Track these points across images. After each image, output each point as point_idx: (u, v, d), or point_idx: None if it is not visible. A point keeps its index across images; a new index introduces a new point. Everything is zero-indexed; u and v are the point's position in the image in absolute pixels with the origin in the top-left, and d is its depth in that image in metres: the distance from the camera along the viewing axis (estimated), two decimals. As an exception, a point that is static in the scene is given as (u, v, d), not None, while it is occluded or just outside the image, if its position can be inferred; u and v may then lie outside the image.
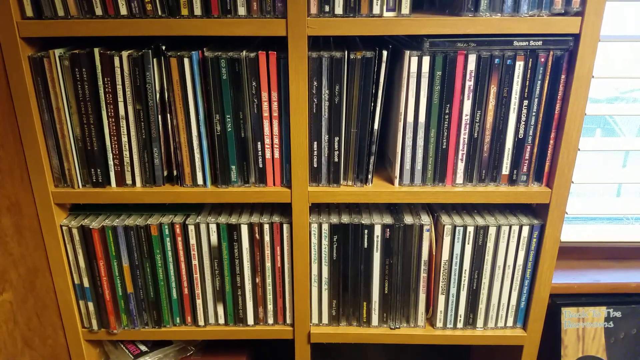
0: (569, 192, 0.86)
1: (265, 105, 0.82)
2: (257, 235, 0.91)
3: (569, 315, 1.10)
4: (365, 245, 0.90)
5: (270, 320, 0.98)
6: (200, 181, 0.88)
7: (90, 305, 0.96)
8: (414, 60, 0.78)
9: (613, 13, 1.06)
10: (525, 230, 0.88)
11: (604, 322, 1.10)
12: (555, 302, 1.10)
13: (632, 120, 1.31)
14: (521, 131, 0.83)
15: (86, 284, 0.94)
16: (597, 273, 1.15)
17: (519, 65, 0.79)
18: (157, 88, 0.82)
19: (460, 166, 0.86)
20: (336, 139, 0.84)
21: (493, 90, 0.80)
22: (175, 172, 0.88)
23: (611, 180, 1.10)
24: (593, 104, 1.23)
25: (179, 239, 0.91)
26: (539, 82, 0.80)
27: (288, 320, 0.98)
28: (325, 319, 0.97)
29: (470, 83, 0.80)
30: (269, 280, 0.94)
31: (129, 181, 0.88)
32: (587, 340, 1.11)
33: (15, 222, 0.88)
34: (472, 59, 0.78)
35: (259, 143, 0.85)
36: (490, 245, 0.90)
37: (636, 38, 1.00)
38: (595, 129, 1.39)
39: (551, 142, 0.84)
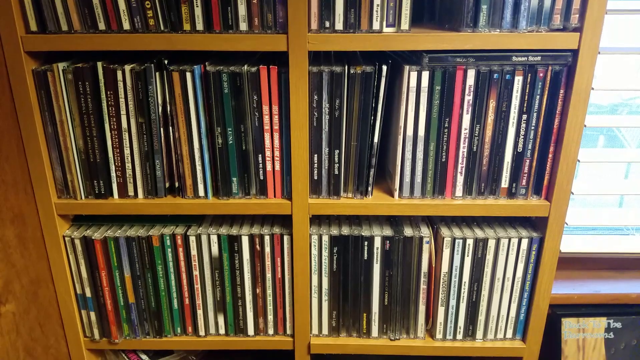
0: (568, 205, 0.86)
1: (266, 119, 0.83)
2: (257, 247, 0.92)
3: (569, 325, 1.10)
4: (365, 256, 0.91)
5: (271, 331, 0.98)
6: (201, 193, 0.89)
7: (92, 315, 0.97)
8: (414, 74, 0.79)
9: (613, 24, 1.06)
10: (525, 243, 0.89)
11: (604, 332, 1.10)
12: (556, 312, 1.10)
13: (636, 129, 1.31)
14: (520, 145, 0.83)
15: (88, 294, 0.95)
16: (597, 283, 1.15)
17: (518, 80, 0.79)
18: (160, 101, 0.83)
19: (460, 179, 0.86)
20: (336, 151, 0.85)
21: (492, 104, 0.81)
22: (177, 184, 0.89)
23: (612, 191, 1.10)
24: (595, 113, 1.24)
25: (180, 249, 0.92)
26: (538, 96, 0.80)
27: (288, 331, 0.98)
28: (325, 330, 0.97)
29: (469, 97, 0.80)
30: (269, 291, 0.95)
31: (131, 192, 0.89)
32: (587, 350, 1.11)
33: (18, 234, 0.89)
34: (471, 73, 0.79)
35: (260, 155, 0.86)
36: (489, 257, 0.90)
37: (635, 50, 1.01)
38: (599, 137, 1.39)
39: (550, 155, 0.84)
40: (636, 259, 1.20)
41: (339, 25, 0.77)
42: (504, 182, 0.86)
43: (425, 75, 0.79)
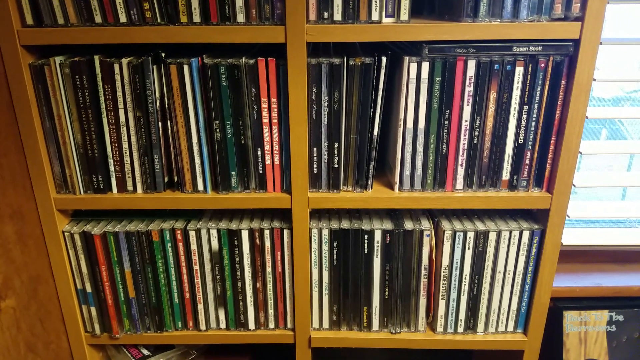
0: (570, 197, 0.85)
1: (264, 112, 0.83)
2: (257, 241, 0.91)
3: (571, 318, 1.10)
4: (366, 250, 0.90)
5: (271, 325, 0.98)
6: (200, 187, 0.88)
7: (93, 310, 0.97)
8: (413, 66, 0.78)
9: (615, 14, 1.05)
10: (526, 235, 0.88)
11: (606, 325, 1.10)
12: (558, 305, 1.10)
13: (638, 121, 1.31)
14: (521, 136, 0.83)
15: (89, 289, 0.95)
16: (599, 276, 1.15)
17: (519, 71, 0.78)
18: (157, 95, 0.83)
19: (460, 172, 0.85)
20: (336, 145, 0.84)
21: (493, 95, 0.80)
22: (175, 178, 0.89)
23: (614, 184, 1.09)
24: (598, 104, 1.23)
25: (180, 244, 0.92)
26: (539, 87, 0.79)
27: (289, 325, 0.98)
28: (326, 324, 0.97)
29: (469, 89, 0.80)
30: (269, 285, 0.95)
31: (130, 187, 0.88)
32: (589, 343, 1.11)
33: (17, 230, 0.88)
34: (471, 64, 0.78)
35: (259, 149, 0.85)
36: (490, 250, 0.90)
37: (637, 41, 0.99)
38: (602, 129, 1.39)
39: (551, 147, 0.83)
40: (638, 252, 1.19)
41: (337, 16, 0.76)
42: (505, 174, 0.85)
43: (425, 66, 0.78)
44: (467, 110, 0.81)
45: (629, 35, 1.03)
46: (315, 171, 0.86)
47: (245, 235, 0.91)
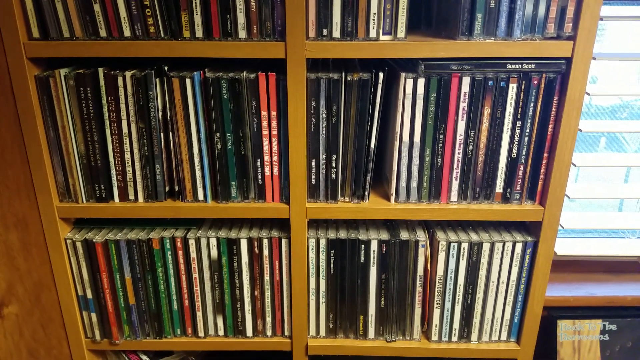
0: (562, 210, 0.87)
1: (264, 124, 0.84)
2: (256, 250, 0.93)
3: (565, 327, 1.11)
4: (362, 260, 0.92)
5: (269, 332, 1.00)
6: (201, 197, 0.90)
7: (94, 316, 0.98)
8: (410, 82, 0.80)
9: (614, 28, 1.07)
10: (519, 247, 0.90)
11: (599, 334, 1.12)
12: (552, 314, 1.12)
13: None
14: (514, 151, 0.85)
15: (90, 295, 0.96)
16: (593, 286, 1.16)
17: (512, 88, 0.80)
18: (160, 107, 0.84)
19: (455, 184, 0.87)
20: (334, 157, 0.86)
21: (487, 111, 0.82)
22: (176, 188, 0.90)
23: (609, 195, 1.10)
24: (596, 115, 1.24)
25: (180, 252, 0.93)
26: (532, 103, 0.81)
27: (286, 332, 1.00)
28: (322, 332, 0.99)
29: (464, 104, 0.81)
30: (267, 293, 0.96)
31: (131, 196, 0.90)
32: (582, 352, 1.12)
33: (21, 238, 0.90)
34: (466, 81, 0.80)
35: (259, 160, 0.87)
36: (484, 261, 0.91)
37: (630, 56, 1.01)
38: (600, 138, 1.40)
39: (544, 161, 0.85)
40: (631, 262, 1.21)
41: (336, 33, 0.78)
42: (499, 187, 0.87)
43: (421, 82, 0.80)
44: (461, 125, 0.83)
45: (630, 47, 1.04)
46: (313, 182, 0.88)
47: (244, 244, 0.92)
